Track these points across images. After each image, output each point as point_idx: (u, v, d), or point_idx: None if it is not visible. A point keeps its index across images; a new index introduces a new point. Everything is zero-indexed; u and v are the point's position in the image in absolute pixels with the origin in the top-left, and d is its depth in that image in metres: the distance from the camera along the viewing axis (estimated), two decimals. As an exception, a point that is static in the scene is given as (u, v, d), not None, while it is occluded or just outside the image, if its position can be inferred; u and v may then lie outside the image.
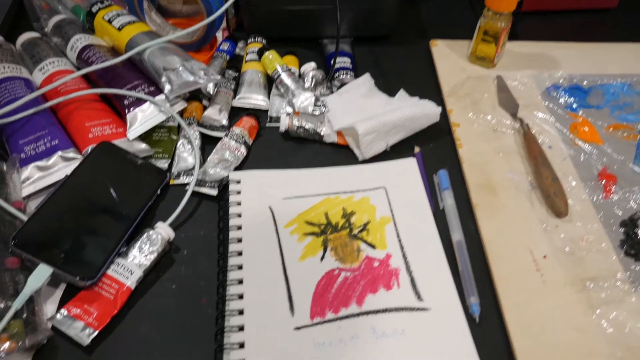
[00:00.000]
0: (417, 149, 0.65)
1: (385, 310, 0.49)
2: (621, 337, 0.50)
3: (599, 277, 0.54)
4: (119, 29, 0.66)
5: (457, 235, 0.56)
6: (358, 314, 0.49)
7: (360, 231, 0.56)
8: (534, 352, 0.48)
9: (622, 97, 0.72)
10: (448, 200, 0.59)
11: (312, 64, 0.71)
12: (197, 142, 0.62)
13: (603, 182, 0.62)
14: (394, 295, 0.50)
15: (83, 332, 0.48)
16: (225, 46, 0.74)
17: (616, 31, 0.84)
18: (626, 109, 0.70)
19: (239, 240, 0.54)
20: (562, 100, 0.71)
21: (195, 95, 0.68)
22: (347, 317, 0.49)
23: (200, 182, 0.59)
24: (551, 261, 0.55)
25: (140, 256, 0.52)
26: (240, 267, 0.52)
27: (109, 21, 0.67)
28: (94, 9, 0.69)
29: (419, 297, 0.50)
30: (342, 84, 0.70)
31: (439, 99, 0.70)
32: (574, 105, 0.71)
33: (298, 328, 0.48)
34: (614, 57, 0.78)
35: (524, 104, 0.70)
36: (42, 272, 0.48)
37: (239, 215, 0.56)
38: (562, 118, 0.69)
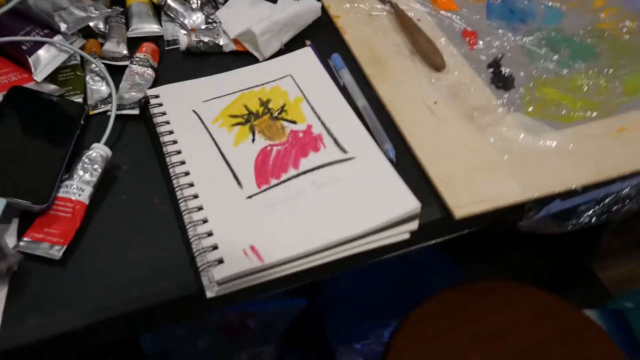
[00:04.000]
0: (308, 42, 0.72)
1: (319, 167, 0.57)
2: (505, 145, 0.61)
3: (480, 107, 0.65)
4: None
5: (361, 101, 0.65)
6: (297, 175, 0.56)
7: (280, 113, 0.62)
8: (445, 173, 0.58)
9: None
10: (346, 77, 0.67)
11: (195, -13, 0.75)
12: (106, 73, 0.65)
13: (467, 39, 0.73)
14: (323, 154, 0.58)
15: (52, 250, 0.51)
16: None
17: None
18: (472, -19, 0.82)
19: (175, 142, 0.58)
20: (420, -18, 0.81)
21: (90, 34, 0.69)
22: (288, 179, 0.56)
23: (119, 107, 0.62)
24: (441, 105, 0.65)
25: (85, 175, 0.55)
26: (183, 163, 0.57)
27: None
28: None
29: (343, 150, 0.58)
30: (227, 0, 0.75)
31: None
32: (431, -16, 0.81)
33: (250, 197, 0.54)
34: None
35: (389, -10, 0.79)
36: (-4, 204, 0.50)
37: (168, 123, 0.60)
38: (423, -4, 0.79)
